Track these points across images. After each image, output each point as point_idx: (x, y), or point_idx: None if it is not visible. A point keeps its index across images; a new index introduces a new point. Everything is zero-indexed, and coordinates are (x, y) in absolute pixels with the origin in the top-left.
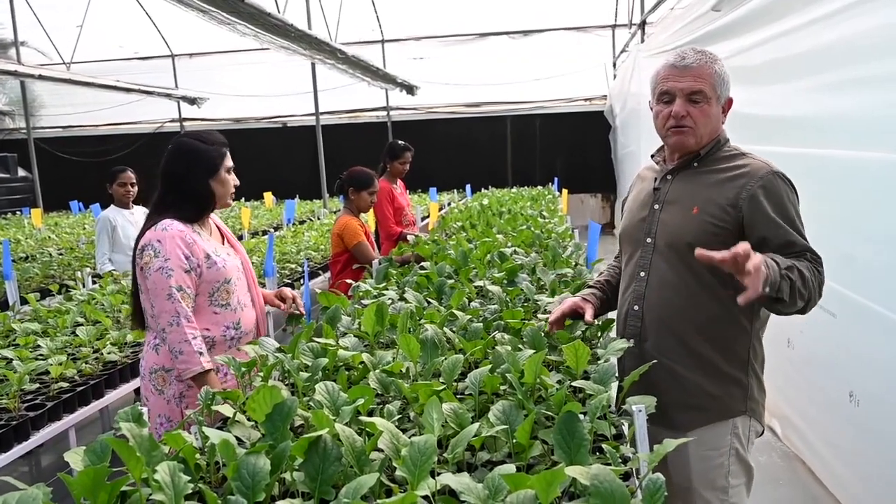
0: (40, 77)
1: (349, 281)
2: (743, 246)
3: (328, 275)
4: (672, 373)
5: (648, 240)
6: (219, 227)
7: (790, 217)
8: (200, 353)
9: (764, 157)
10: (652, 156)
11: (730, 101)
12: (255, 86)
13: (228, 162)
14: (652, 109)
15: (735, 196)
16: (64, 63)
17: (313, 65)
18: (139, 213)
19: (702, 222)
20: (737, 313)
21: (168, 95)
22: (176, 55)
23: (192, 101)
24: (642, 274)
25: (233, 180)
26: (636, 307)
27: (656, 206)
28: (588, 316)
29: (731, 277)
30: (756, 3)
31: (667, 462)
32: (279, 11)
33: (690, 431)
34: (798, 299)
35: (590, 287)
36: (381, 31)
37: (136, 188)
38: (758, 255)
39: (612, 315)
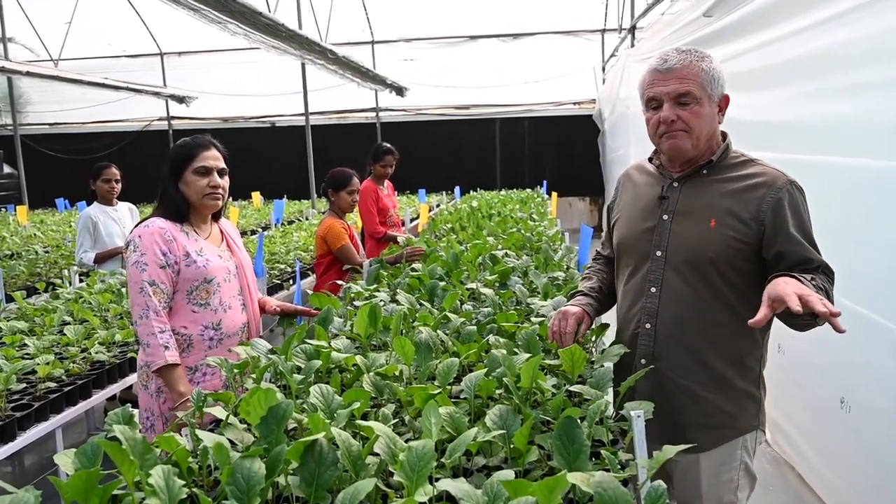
0: (28, 74)
1: (339, 282)
2: (771, 294)
3: None
4: (689, 392)
5: (658, 253)
6: (222, 230)
7: (807, 230)
8: (166, 348)
9: (774, 164)
10: (650, 159)
11: (726, 99)
12: (244, 85)
13: (197, 163)
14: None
15: (756, 208)
16: (52, 60)
17: (303, 65)
18: (123, 209)
19: (722, 236)
20: (752, 327)
21: (156, 94)
22: (165, 53)
23: (181, 99)
24: (653, 290)
25: (205, 181)
26: (648, 325)
27: (665, 217)
28: (583, 327)
29: (750, 290)
30: (748, 8)
31: (669, 475)
32: (270, 11)
33: (707, 451)
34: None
35: (583, 294)
36: (372, 33)
37: (119, 184)
38: (786, 284)
39: (605, 319)
